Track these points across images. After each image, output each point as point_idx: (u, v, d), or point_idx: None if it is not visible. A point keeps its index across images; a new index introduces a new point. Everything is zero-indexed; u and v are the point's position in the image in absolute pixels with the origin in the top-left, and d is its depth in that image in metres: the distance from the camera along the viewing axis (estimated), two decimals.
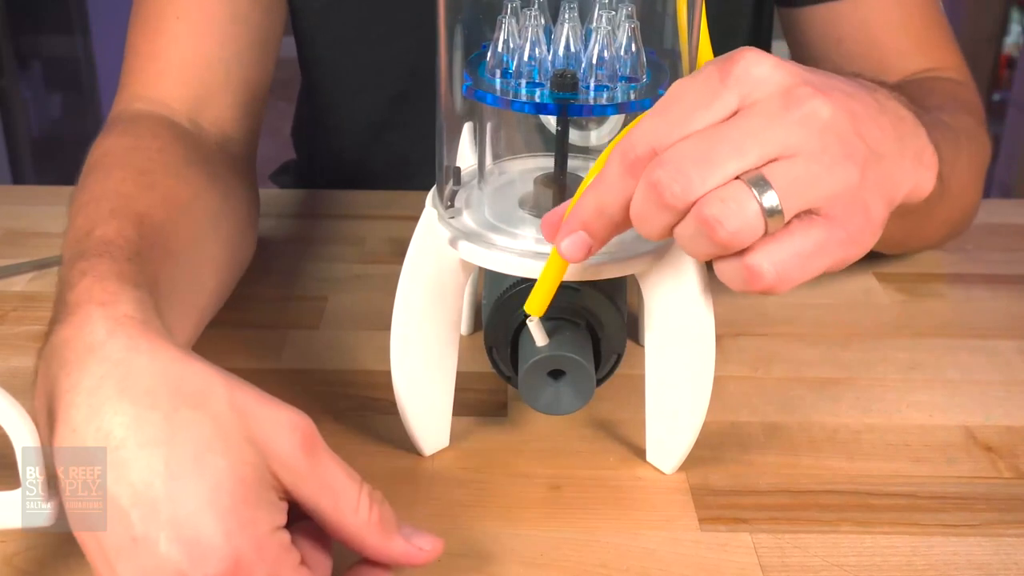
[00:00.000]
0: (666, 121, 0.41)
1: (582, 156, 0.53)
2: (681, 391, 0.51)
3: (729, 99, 0.41)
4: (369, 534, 0.41)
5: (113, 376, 0.40)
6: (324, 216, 0.84)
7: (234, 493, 0.38)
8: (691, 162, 0.39)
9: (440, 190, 0.50)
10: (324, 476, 0.40)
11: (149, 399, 0.39)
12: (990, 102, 2.44)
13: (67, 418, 0.40)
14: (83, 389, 0.40)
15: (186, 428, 0.38)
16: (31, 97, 2.51)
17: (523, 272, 0.47)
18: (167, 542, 0.37)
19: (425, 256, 0.50)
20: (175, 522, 0.37)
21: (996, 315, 0.70)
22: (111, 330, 0.41)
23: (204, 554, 0.37)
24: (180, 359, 0.41)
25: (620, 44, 0.47)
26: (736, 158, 0.39)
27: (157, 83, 0.67)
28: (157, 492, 0.37)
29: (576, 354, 0.48)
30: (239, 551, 0.37)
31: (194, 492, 0.37)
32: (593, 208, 0.43)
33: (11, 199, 0.88)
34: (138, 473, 0.38)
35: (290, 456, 0.39)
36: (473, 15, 0.48)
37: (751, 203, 0.39)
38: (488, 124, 0.52)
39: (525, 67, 0.47)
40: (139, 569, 0.37)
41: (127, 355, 0.40)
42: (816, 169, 0.40)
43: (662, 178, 0.40)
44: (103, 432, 0.39)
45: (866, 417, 0.59)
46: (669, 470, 0.53)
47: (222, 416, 0.39)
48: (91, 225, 0.49)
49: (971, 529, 0.50)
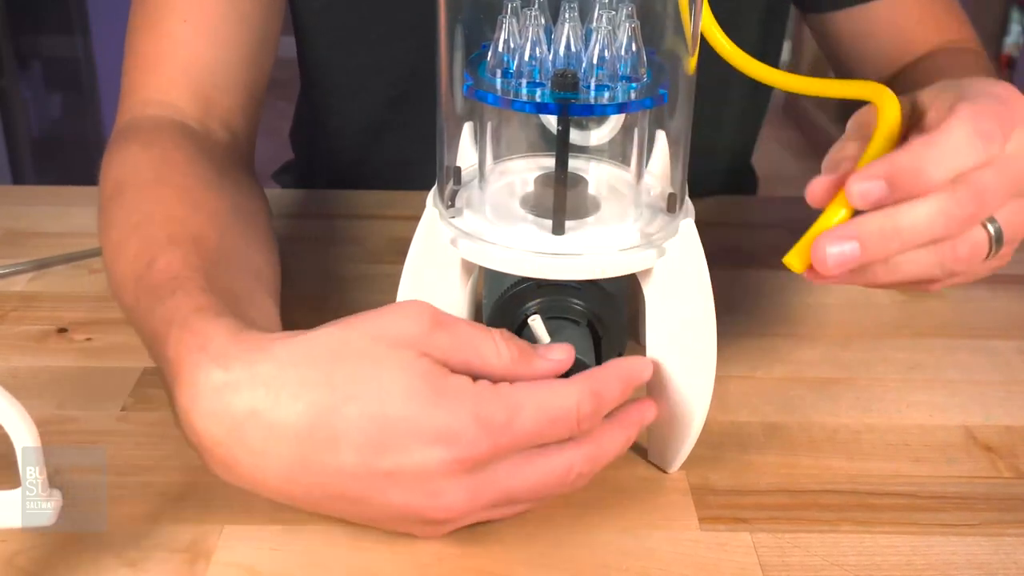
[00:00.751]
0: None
1: (583, 156, 0.53)
2: (682, 391, 0.51)
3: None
4: (516, 368, 0.45)
5: (259, 394, 0.42)
6: (324, 216, 0.84)
7: (425, 384, 0.42)
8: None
9: (440, 190, 0.50)
10: (460, 338, 0.44)
11: (304, 385, 0.42)
12: None
13: (251, 447, 0.42)
14: (243, 418, 0.42)
15: (348, 379, 0.42)
16: (31, 97, 2.51)
17: (524, 271, 0.47)
18: (419, 451, 0.41)
19: (426, 256, 0.50)
20: (411, 436, 0.41)
21: (996, 315, 0.70)
22: (224, 364, 0.43)
23: (453, 433, 0.41)
24: (292, 342, 0.44)
25: (620, 44, 0.47)
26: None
27: (167, 87, 0.67)
28: (377, 432, 0.41)
29: (577, 353, 0.48)
30: (471, 411, 0.41)
31: (403, 408, 0.41)
32: (911, 166, 0.42)
33: (11, 199, 0.88)
34: (351, 432, 0.41)
35: (429, 336, 0.43)
36: (473, 15, 0.48)
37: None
38: (489, 124, 0.52)
39: (526, 67, 0.47)
40: (406, 485, 0.42)
41: (252, 371, 0.43)
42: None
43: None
44: (290, 432, 0.42)
45: (866, 417, 0.59)
46: (671, 469, 0.53)
47: (364, 349, 0.43)
48: (150, 255, 0.51)
49: (971, 529, 0.50)
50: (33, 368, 0.62)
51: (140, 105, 0.67)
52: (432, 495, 0.42)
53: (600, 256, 0.47)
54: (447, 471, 0.42)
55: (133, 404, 0.58)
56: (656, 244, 0.48)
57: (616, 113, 0.50)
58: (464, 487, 0.42)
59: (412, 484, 0.42)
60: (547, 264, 0.47)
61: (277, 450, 0.42)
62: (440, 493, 0.42)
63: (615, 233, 0.49)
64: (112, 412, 0.58)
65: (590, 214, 0.50)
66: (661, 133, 0.52)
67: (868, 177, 0.42)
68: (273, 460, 0.42)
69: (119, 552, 0.47)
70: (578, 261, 0.47)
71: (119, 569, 0.47)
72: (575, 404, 0.43)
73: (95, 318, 0.67)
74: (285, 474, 0.43)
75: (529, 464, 0.44)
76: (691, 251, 0.49)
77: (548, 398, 0.43)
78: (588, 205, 0.50)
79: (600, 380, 0.45)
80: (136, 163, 0.60)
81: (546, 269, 0.47)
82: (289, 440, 0.42)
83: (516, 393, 0.43)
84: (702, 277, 0.49)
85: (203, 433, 0.43)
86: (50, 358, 0.63)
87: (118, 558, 0.47)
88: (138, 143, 0.62)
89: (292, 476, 0.43)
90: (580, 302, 0.51)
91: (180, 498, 0.51)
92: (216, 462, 0.44)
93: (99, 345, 0.64)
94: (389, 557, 0.48)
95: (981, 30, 0.85)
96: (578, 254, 0.47)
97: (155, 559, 0.47)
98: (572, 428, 0.44)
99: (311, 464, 0.42)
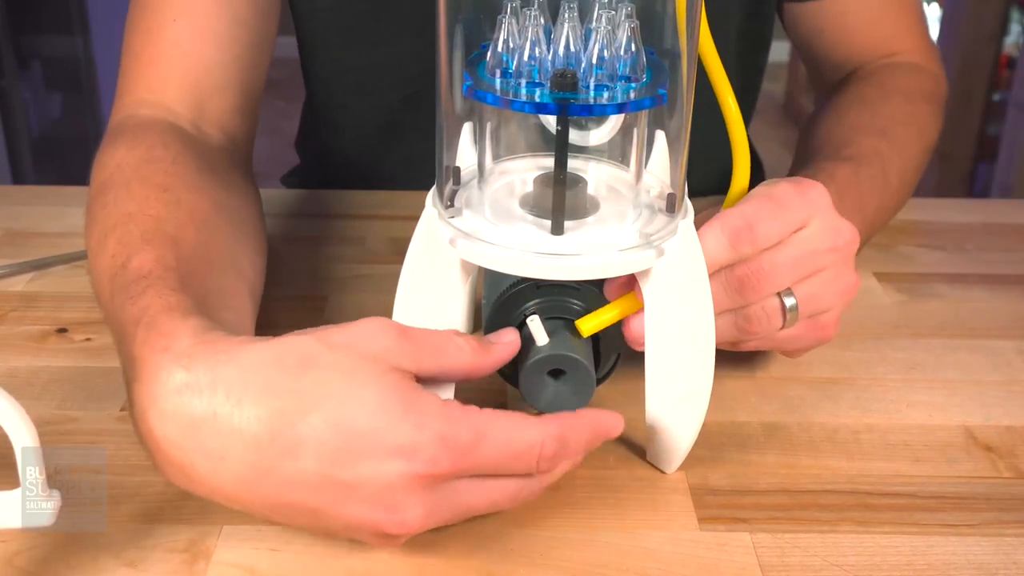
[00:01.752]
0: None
1: (583, 156, 0.53)
2: (681, 391, 0.51)
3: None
4: (478, 362, 0.46)
5: (219, 397, 0.42)
6: (324, 216, 0.84)
7: (392, 397, 0.42)
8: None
9: (440, 190, 0.50)
10: (425, 344, 0.45)
11: (269, 391, 0.42)
12: (990, 102, 2.44)
13: (208, 450, 0.42)
14: (202, 420, 0.42)
15: (316, 387, 0.42)
16: (31, 97, 2.51)
17: (522, 271, 0.47)
18: (381, 463, 0.41)
19: (425, 256, 0.50)
20: (373, 449, 0.41)
21: (996, 315, 0.70)
22: (187, 365, 0.43)
23: (416, 449, 0.41)
24: (258, 347, 0.43)
25: (620, 44, 0.47)
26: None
27: (160, 87, 0.67)
28: (340, 442, 0.41)
29: (576, 353, 0.48)
30: (436, 430, 0.42)
31: (369, 420, 0.41)
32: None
33: (11, 199, 0.88)
34: (314, 440, 0.41)
35: (397, 348, 0.44)
36: (473, 15, 0.48)
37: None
38: (488, 124, 0.52)
39: (525, 67, 0.47)
40: (365, 497, 0.42)
41: (215, 374, 0.42)
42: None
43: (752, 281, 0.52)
44: (250, 437, 0.41)
45: (866, 417, 0.59)
46: (669, 470, 0.53)
47: (332, 360, 0.42)
48: (126, 255, 0.51)
49: (971, 529, 0.50)
50: (33, 368, 0.62)
51: (133, 105, 0.67)
52: (389, 509, 0.42)
53: (598, 256, 0.47)
54: (406, 485, 0.41)
55: None
56: (655, 244, 0.48)
57: (615, 113, 0.49)
58: (421, 502, 0.42)
59: (370, 497, 0.42)
60: (545, 264, 0.47)
61: (235, 454, 0.41)
62: (397, 507, 0.42)
63: (614, 233, 0.49)
64: (112, 412, 0.58)
65: (589, 214, 0.50)
66: (661, 133, 0.52)
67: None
68: (230, 465, 0.42)
69: (119, 552, 0.47)
70: (576, 261, 0.47)
71: (119, 569, 0.47)
72: (539, 443, 0.44)
73: (95, 318, 0.67)
74: (242, 480, 0.42)
75: (480, 484, 0.44)
76: (690, 252, 0.49)
77: (514, 432, 0.44)
78: (587, 205, 0.50)
79: (569, 427, 0.45)
80: (120, 163, 0.59)
81: (544, 269, 0.47)
82: (248, 445, 0.41)
83: (483, 419, 0.43)
84: (701, 278, 0.49)
85: (159, 434, 0.42)
86: (50, 358, 0.63)
87: (118, 558, 0.47)
88: (125, 143, 0.61)
89: (249, 482, 0.42)
90: (579, 302, 0.51)
91: (180, 498, 0.51)
92: (170, 465, 0.43)
93: (99, 345, 0.64)
94: (389, 557, 0.48)
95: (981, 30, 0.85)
96: (576, 254, 0.47)
97: (155, 559, 0.47)
98: (531, 466, 0.44)
99: (270, 471, 0.41)
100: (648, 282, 0.49)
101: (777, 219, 0.51)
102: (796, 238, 0.52)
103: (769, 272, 0.51)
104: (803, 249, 0.52)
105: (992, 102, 2.43)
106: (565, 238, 0.48)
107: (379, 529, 0.43)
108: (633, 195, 0.51)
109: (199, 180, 0.60)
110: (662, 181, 0.52)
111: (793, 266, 0.52)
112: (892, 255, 0.78)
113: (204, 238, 0.55)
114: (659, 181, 0.52)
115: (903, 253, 0.79)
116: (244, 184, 0.67)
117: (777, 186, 0.53)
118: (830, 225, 0.53)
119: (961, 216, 0.86)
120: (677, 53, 0.48)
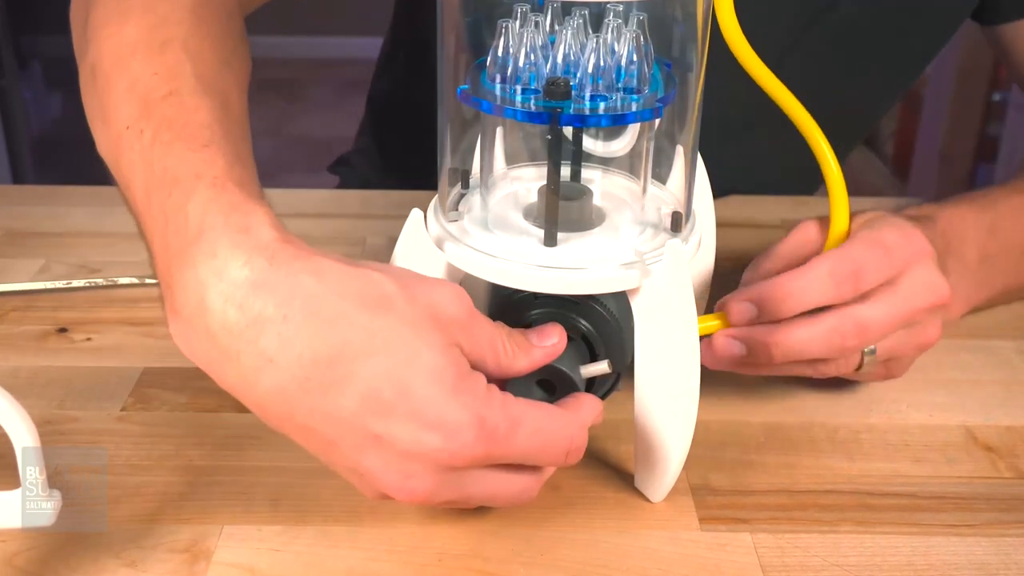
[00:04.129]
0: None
1: (600, 167, 0.53)
2: (665, 415, 0.49)
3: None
4: (517, 363, 0.46)
5: (295, 306, 0.40)
6: (324, 216, 0.84)
7: (450, 371, 0.41)
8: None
9: (440, 192, 0.50)
10: (483, 331, 0.44)
11: (344, 319, 0.41)
12: (990, 102, 2.44)
13: (262, 349, 0.40)
14: (270, 319, 0.40)
15: (387, 333, 0.41)
16: (31, 97, 2.51)
17: (503, 280, 0.47)
18: (419, 431, 0.40)
19: (412, 256, 0.49)
20: (416, 414, 0.40)
21: (996, 315, 0.70)
22: (270, 259, 0.41)
23: (457, 429, 0.41)
24: (341, 270, 0.42)
25: (620, 55, 0.46)
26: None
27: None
28: (387, 394, 0.40)
29: (566, 368, 0.48)
30: (479, 414, 0.41)
31: (423, 384, 0.41)
32: (775, 295, 0.50)
33: (11, 199, 0.88)
34: (366, 382, 0.40)
35: (465, 323, 0.43)
36: (477, 20, 0.48)
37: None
38: (498, 129, 0.52)
39: (523, 74, 0.46)
40: (388, 456, 0.41)
41: (296, 281, 0.41)
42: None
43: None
44: (308, 354, 0.40)
45: (866, 417, 0.59)
46: (655, 499, 0.52)
47: (409, 312, 0.42)
48: (174, 85, 0.46)
49: (971, 529, 0.50)
50: (33, 368, 0.62)
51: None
52: (404, 475, 0.41)
53: (581, 272, 0.46)
54: (432, 460, 0.41)
55: (133, 404, 0.58)
56: (645, 264, 0.47)
57: (610, 124, 0.49)
58: (434, 480, 0.42)
59: (392, 457, 0.41)
60: (523, 274, 0.46)
61: (286, 363, 0.40)
62: (412, 475, 0.41)
63: (609, 249, 0.48)
64: (112, 412, 0.58)
65: (594, 227, 0.49)
66: (680, 149, 0.51)
67: (742, 299, 0.51)
68: (276, 371, 0.40)
69: (119, 552, 0.47)
70: (555, 274, 0.46)
71: (119, 569, 0.47)
72: (570, 436, 0.44)
73: (95, 318, 0.67)
74: (280, 390, 0.41)
75: (492, 477, 0.44)
76: (675, 274, 0.47)
77: (548, 423, 0.44)
78: (593, 218, 0.50)
79: (583, 417, 0.46)
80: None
81: (522, 280, 0.46)
82: (304, 360, 0.40)
83: (520, 409, 0.43)
84: (685, 301, 0.47)
85: (218, 314, 0.40)
86: (50, 358, 0.63)
87: (118, 558, 0.47)
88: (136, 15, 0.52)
89: (286, 394, 0.41)
90: (577, 317, 0.49)
91: (180, 498, 0.51)
92: (212, 347, 0.41)
93: (99, 345, 0.65)
94: (389, 557, 0.48)
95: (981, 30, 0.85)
96: (558, 267, 0.46)
97: (155, 559, 0.47)
98: (560, 459, 0.44)
99: (311, 392, 0.40)
100: (636, 301, 0.47)
101: (883, 266, 0.51)
102: (895, 294, 0.52)
103: (865, 326, 0.51)
104: (900, 308, 0.52)
105: (992, 102, 2.42)
106: (557, 250, 0.47)
107: (383, 487, 0.42)
108: (639, 210, 0.51)
109: (242, 38, 0.56)
110: (677, 199, 0.52)
111: (888, 322, 0.52)
112: None
113: (244, 107, 0.51)
114: (675, 198, 0.52)
115: None
116: (244, 34, 0.59)
117: (882, 231, 0.53)
118: (928, 281, 0.52)
119: None
120: (687, 63, 0.48)
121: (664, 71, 0.48)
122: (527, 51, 0.46)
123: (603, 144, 0.52)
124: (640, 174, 0.51)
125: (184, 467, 0.53)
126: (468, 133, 0.52)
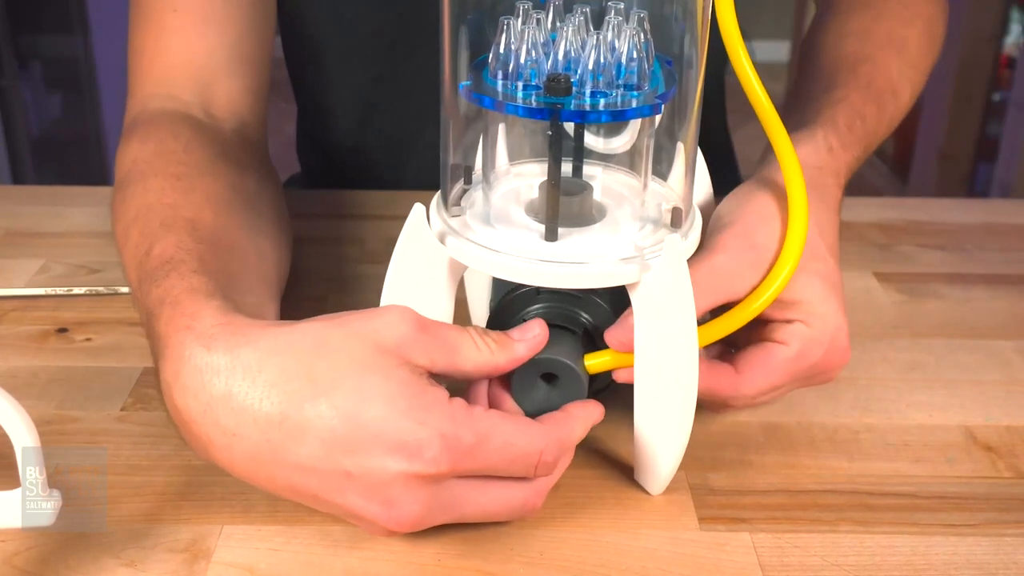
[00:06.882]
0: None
1: (601, 163, 0.53)
2: (663, 410, 0.49)
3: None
4: (497, 359, 0.47)
5: (236, 378, 0.43)
6: (324, 216, 0.84)
7: (402, 392, 0.43)
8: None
9: (443, 188, 0.50)
10: (442, 339, 0.45)
11: (283, 374, 0.43)
12: (990, 102, 2.44)
13: (224, 426, 0.43)
14: (220, 398, 0.43)
15: (330, 374, 0.43)
16: (31, 97, 2.51)
17: (504, 274, 0.47)
18: (383, 457, 0.42)
19: (413, 252, 0.49)
20: (377, 441, 0.42)
21: (996, 315, 0.70)
22: (208, 345, 0.44)
23: (417, 447, 0.42)
24: (276, 331, 0.44)
25: (621, 51, 0.46)
26: None
27: (166, 79, 0.67)
28: (345, 430, 0.42)
29: (569, 360, 0.48)
30: (438, 428, 0.42)
31: (376, 412, 0.42)
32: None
33: (11, 199, 0.88)
34: (320, 426, 0.42)
35: (412, 341, 0.44)
36: (479, 16, 0.48)
37: None
38: (502, 125, 0.52)
39: (525, 71, 0.46)
40: (364, 488, 0.42)
41: (233, 355, 0.43)
42: None
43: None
44: (262, 417, 0.43)
45: (866, 417, 0.59)
46: (655, 492, 0.52)
47: (346, 348, 0.43)
48: (148, 243, 0.52)
49: (971, 529, 0.50)
50: (33, 368, 0.62)
51: (144, 100, 0.67)
52: (386, 504, 0.43)
53: (581, 266, 0.46)
54: (404, 483, 0.42)
55: (133, 404, 0.58)
56: (645, 259, 0.47)
57: (610, 120, 0.49)
58: (419, 500, 0.43)
59: (368, 489, 0.42)
60: (526, 269, 0.46)
61: (246, 433, 0.43)
62: (394, 503, 0.43)
63: (610, 244, 0.48)
64: (112, 412, 0.58)
65: (595, 222, 0.50)
66: (680, 145, 0.51)
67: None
68: (242, 442, 0.43)
69: (119, 552, 0.47)
70: (557, 268, 0.46)
71: (119, 569, 0.47)
72: (540, 450, 0.45)
73: (95, 318, 0.67)
74: (252, 458, 0.43)
75: (485, 490, 0.45)
76: (674, 269, 0.46)
77: (516, 436, 0.44)
78: (594, 213, 0.50)
79: (567, 429, 0.47)
80: (135, 158, 0.60)
81: (525, 274, 0.47)
82: (259, 424, 0.43)
83: (488, 421, 0.44)
84: (684, 296, 0.47)
85: (182, 408, 0.44)
86: (50, 358, 0.63)
87: (118, 558, 0.47)
88: (137, 138, 0.62)
89: (258, 460, 0.43)
90: (578, 311, 0.50)
91: (180, 498, 0.51)
92: (192, 437, 0.45)
93: (99, 345, 0.65)
94: (388, 557, 0.48)
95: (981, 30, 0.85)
96: (559, 261, 0.46)
97: (155, 559, 0.47)
98: (529, 471, 0.45)
99: (277, 451, 0.43)
100: (635, 296, 0.48)
101: (832, 362, 0.52)
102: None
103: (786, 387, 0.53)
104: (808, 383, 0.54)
105: (992, 102, 2.42)
106: (558, 245, 0.48)
107: (375, 522, 0.43)
108: (639, 205, 0.51)
109: (212, 165, 0.61)
110: (677, 195, 0.52)
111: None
112: (892, 255, 0.78)
113: (222, 221, 0.56)
114: (675, 194, 0.52)
115: (903, 253, 0.79)
116: (259, 166, 0.68)
117: (839, 322, 0.52)
118: (839, 348, 0.52)
119: (961, 216, 0.86)
120: (687, 60, 0.48)
121: (664, 68, 0.48)
122: (528, 48, 0.46)
123: (604, 140, 0.53)
124: (640, 170, 0.51)
125: (184, 467, 0.53)
126: (470, 129, 0.52)
